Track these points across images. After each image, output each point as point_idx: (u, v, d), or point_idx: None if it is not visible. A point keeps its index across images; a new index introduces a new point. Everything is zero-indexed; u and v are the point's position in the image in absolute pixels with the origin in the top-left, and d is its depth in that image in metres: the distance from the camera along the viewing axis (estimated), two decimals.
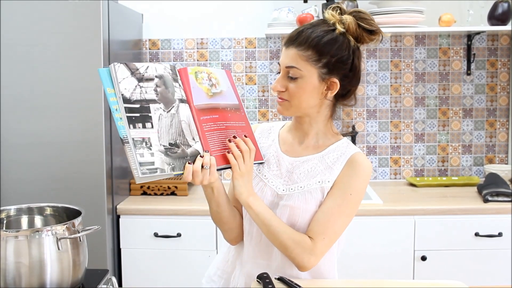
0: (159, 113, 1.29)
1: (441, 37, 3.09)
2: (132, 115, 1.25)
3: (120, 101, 1.25)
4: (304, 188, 1.45)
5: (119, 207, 2.59)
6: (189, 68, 1.39)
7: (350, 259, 2.47)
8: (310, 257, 1.40)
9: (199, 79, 1.39)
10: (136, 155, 1.23)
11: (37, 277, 1.32)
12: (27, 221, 1.55)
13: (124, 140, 1.24)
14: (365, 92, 3.12)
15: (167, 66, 1.35)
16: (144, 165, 1.23)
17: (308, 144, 1.51)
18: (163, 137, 1.28)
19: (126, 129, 1.24)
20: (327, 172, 1.46)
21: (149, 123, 1.27)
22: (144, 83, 1.29)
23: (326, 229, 1.41)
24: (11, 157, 2.47)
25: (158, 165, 1.25)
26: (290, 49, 1.41)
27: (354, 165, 1.44)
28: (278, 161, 1.51)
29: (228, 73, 1.48)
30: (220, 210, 1.47)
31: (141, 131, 1.25)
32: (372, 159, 3.15)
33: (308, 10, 2.88)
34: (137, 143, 1.24)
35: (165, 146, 1.27)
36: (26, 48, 2.44)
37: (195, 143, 1.33)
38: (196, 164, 1.30)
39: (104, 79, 1.26)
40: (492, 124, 3.12)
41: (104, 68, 1.27)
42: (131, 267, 2.60)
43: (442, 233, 2.52)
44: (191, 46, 3.12)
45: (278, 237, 1.40)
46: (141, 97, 1.27)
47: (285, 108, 1.45)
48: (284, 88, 1.43)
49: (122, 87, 1.25)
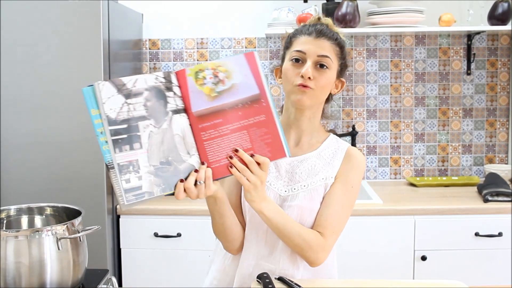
0: (149, 130, 1.21)
1: (441, 37, 3.09)
2: (118, 137, 1.18)
3: (105, 123, 1.18)
4: (309, 187, 1.47)
5: (119, 207, 2.59)
6: (188, 69, 1.27)
7: (350, 259, 2.47)
8: (323, 253, 1.43)
9: (200, 79, 1.27)
10: (121, 182, 1.18)
11: (37, 277, 1.32)
12: (27, 221, 1.55)
13: (109, 165, 1.18)
14: (365, 92, 3.12)
15: (159, 75, 1.25)
16: (129, 191, 1.18)
17: (303, 143, 1.52)
18: (153, 156, 1.21)
19: (111, 153, 1.18)
20: (329, 168, 1.49)
21: (137, 143, 1.20)
22: (133, 99, 1.20)
23: (334, 223, 1.44)
24: (11, 157, 2.48)
25: (146, 188, 1.20)
26: (322, 40, 1.45)
27: (351, 159, 1.51)
28: (275, 162, 1.50)
29: (248, 57, 1.28)
30: (223, 220, 1.43)
31: (127, 154, 1.19)
32: (372, 159, 3.15)
33: (308, 10, 2.88)
34: (122, 169, 1.18)
35: (156, 166, 1.21)
36: (26, 48, 2.44)
37: (190, 157, 1.25)
38: (188, 180, 1.23)
39: (88, 99, 1.18)
40: (492, 124, 3.12)
41: (89, 87, 1.19)
42: (131, 267, 2.60)
43: (442, 233, 2.52)
44: (191, 46, 3.12)
45: (292, 240, 1.41)
46: (129, 116, 1.20)
47: (309, 96, 1.44)
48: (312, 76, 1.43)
49: (107, 108, 1.18)
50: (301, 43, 1.46)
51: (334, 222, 1.45)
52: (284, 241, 1.43)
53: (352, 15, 2.78)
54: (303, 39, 1.46)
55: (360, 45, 3.10)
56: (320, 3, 2.95)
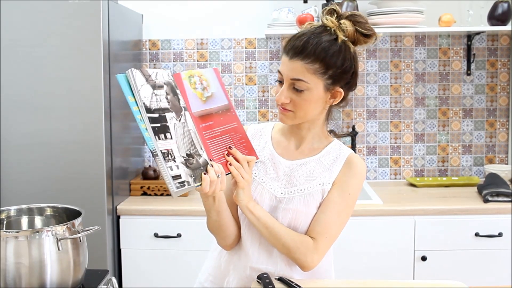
0: (173, 122, 1.24)
1: (441, 37, 3.09)
2: (154, 125, 1.20)
3: (142, 111, 1.19)
4: (305, 191, 1.46)
5: (119, 208, 2.59)
6: (183, 73, 1.32)
7: (350, 259, 2.47)
8: (314, 256, 1.41)
9: (193, 84, 1.34)
10: (167, 169, 1.19)
11: (37, 277, 1.32)
12: (27, 222, 1.55)
13: (154, 152, 1.19)
14: (365, 92, 3.12)
15: (169, 73, 1.30)
16: (175, 179, 1.20)
17: (304, 148, 1.52)
18: (181, 147, 1.24)
19: (153, 140, 1.19)
20: (327, 174, 1.47)
21: (168, 133, 1.22)
22: (157, 90, 1.24)
23: (328, 229, 1.43)
24: (11, 158, 2.47)
25: (184, 177, 1.21)
26: (296, 61, 1.37)
27: (351, 166, 1.47)
28: (274, 164, 1.50)
29: (216, 71, 1.42)
30: (220, 218, 1.44)
31: (164, 143, 1.21)
32: (372, 160, 3.15)
33: (308, 10, 2.88)
34: (165, 156, 1.19)
35: (184, 157, 1.23)
36: (26, 48, 2.44)
37: (203, 152, 1.29)
38: (211, 174, 1.27)
39: (124, 87, 1.19)
40: (492, 124, 3.12)
41: (121, 74, 1.20)
42: (131, 267, 2.60)
43: (442, 233, 2.52)
44: (191, 47, 3.12)
45: (280, 239, 1.41)
46: (158, 106, 1.22)
47: (290, 118, 1.43)
48: (288, 100, 1.40)
49: (142, 95, 1.19)
50: (282, 63, 1.42)
51: (328, 228, 1.43)
52: (272, 242, 1.43)
53: None
54: (283, 59, 1.41)
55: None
56: (320, 4, 2.95)
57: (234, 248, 1.53)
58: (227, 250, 1.54)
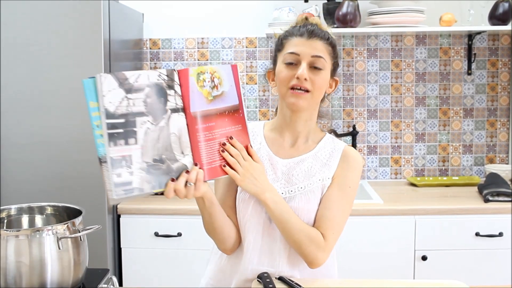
0: (146, 126, 1.21)
1: (442, 37, 3.08)
2: (114, 131, 1.18)
3: (103, 116, 1.17)
4: (305, 188, 1.46)
5: (119, 207, 2.59)
6: (191, 69, 1.29)
7: (350, 259, 2.46)
8: (324, 254, 1.42)
9: (201, 81, 1.29)
10: (112, 176, 1.17)
11: (38, 276, 1.32)
12: (27, 221, 1.55)
13: (102, 159, 1.18)
14: (366, 91, 3.12)
15: (163, 72, 1.25)
16: (119, 186, 1.18)
17: (299, 144, 1.52)
18: (147, 152, 1.21)
19: (105, 147, 1.18)
20: (325, 169, 1.48)
21: (132, 138, 1.19)
22: (133, 94, 1.20)
23: (334, 224, 1.44)
24: (11, 157, 2.48)
25: (136, 184, 1.20)
26: (315, 41, 1.43)
27: (348, 159, 1.50)
28: (272, 164, 1.50)
29: (233, 69, 1.36)
30: (213, 220, 1.42)
31: (122, 149, 1.18)
32: (372, 159, 3.15)
33: (308, 9, 2.88)
34: (115, 163, 1.17)
35: (148, 163, 1.21)
36: (27, 47, 2.44)
37: (184, 157, 1.26)
38: (179, 181, 1.24)
39: (88, 91, 1.18)
40: (493, 124, 3.12)
41: (90, 78, 1.18)
42: (131, 266, 2.60)
43: (442, 233, 2.52)
44: (191, 46, 3.12)
45: (294, 235, 1.40)
46: (128, 111, 1.19)
47: (306, 100, 1.43)
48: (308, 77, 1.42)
49: (106, 101, 1.17)
50: (294, 45, 1.44)
51: (334, 224, 1.44)
52: (285, 235, 1.42)
53: (353, 15, 2.78)
54: (295, 41, 1.44)
55: (361, 45, 3.10)
56: (321, 3, 2.95)
57: (235, 251, 1.52)
58: (227, 254, 1.52)
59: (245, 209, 1.47)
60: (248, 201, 1.46)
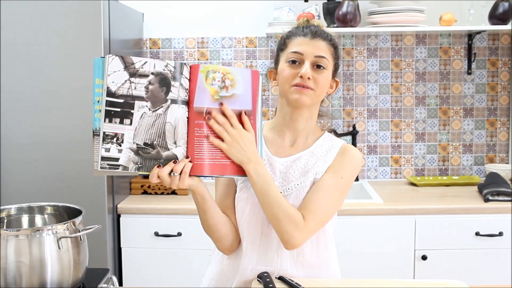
0: (143, 111, 1.27)
1: (442, 36, 3.08)
2: (112, 109, 1.25)
3: (104, 93, 1.24)
4: (301, 185, 1.46)
5: (119, 206, 2.59)
6: (202, 66, 1.31)
7: (350, 259, 2.46)
8: (300, 234, 1.37)
9: (209, 79, 1.30)
10: (101, 149, 1.23)
11: (38, 276, 1.32)
12: (27, 220, 1.55)
13: (96, 132, 1.24)
14: (366, 91, 3.12)
15: (171, 64, 1.29)
16: (106, 160, 1.24)
17: (298, 143, 1.52)
18: (139, 135, 1.27)
19: (101, 122, 1.24)
20: (320, 164, 1.48)
21: (128, 119, 1.26)
22: (136, 78, 1.26)
23: (316, 208, 1.41)
24: (11, 157, 2.48)
25: (122, 162, 1.25)
26: (319, 41, 1.46)
27: (345, 153, 1.50)
28: (270, 165, 1.50)
29: (254, 74, 1.35)
30: (207, 217, 1.41)
31: (115, 126, 1.25)
32: (372, 159, 3.15)
33: (308, 9, 2.88)
34: (106, 138, 1.24)
35: (138, 145, 1.26)
36: (26, 47, 2.44)
37: (175, 147, 1.29)
38: (164, 168, 1.26)
39: (96, 69, 1.25)
40: (493, 123, 3.12)
41: (101, 58, 1.26)
42: (131, 266, 2.60)
43: (442, 232, 2.52)
44: (191, 45, 3.12)
45: (272, 208, 1.36)
46: (128, 93, 1.26)
47: (310, 97, 1.44)
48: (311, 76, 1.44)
49: (110, 80, 1.24)
50: (297, 44, 1.46)
51: (317, 208, 1.41)
52: (265, 209, 1.38)
53: (353, 15, 2.78)
54: (299, 40, 1.46)
55: (361, 45, 3.10)
56: (321, 3, 2.95)
57: (235, 252, 1.51)
58: (226, 254, 1.52)
59: (243, 208, 1.47)
60: (246, 201, 1.46)
